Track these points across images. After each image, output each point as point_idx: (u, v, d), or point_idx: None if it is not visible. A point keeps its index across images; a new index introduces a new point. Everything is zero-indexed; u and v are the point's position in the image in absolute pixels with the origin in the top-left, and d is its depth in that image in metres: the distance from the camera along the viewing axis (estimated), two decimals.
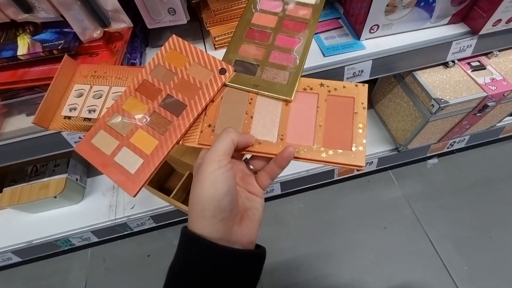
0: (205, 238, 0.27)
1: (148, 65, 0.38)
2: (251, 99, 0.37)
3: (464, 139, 0.87)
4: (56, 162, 0.75)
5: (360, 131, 0.34)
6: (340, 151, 0.33)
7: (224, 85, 0.38)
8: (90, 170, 0.87)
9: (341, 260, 0.84)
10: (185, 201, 0.72)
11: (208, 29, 0.61)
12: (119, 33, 0.53)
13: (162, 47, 0.39)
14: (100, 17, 0.47)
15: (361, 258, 0.84)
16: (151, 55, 0.64)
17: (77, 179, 0.78)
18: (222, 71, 0.37)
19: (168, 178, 0.80)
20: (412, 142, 0.77)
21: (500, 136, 0.92)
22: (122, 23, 0.49)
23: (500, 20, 0.56)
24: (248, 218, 0.31)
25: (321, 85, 0.38)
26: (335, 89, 0.37)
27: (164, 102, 0.36)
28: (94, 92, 0.41)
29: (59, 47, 0.47)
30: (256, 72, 0.39)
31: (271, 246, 0.85)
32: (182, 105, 0.35)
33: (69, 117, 0.39)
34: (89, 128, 0.36)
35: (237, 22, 0.44)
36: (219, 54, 0.62)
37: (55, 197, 0.71)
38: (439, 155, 0.98)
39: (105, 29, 0.49)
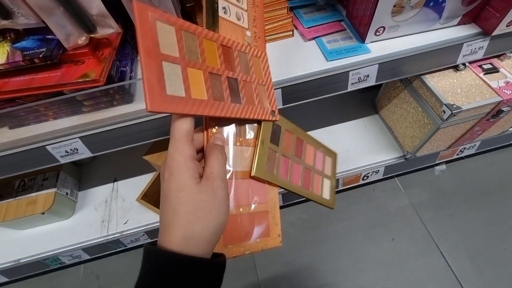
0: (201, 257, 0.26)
1: (236, 40, 0.37)
2: None
3: (475, 145, 0.83)
4: (44, 175, 0.71)
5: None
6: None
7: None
8: (81, 183, 0.82)
9: (347, 275, 0.80)
10: None
11: None
12: (107, 39, 0.50)
13: (250, 44, 0.39)
14: (84, 22, 0.43)
15: (369, 272, 0.80)
16: None
17: (67, 193, 0.74)
18: (273, 114, 0.39)
19: None
20: (420, 149, 0.73)
21: None
22: (109, 29, 0.46)
23: None
24: None
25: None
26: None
27: (231, 81, 0.35)
28: None
29: (41, 56, 0.43)
30: (273, 143, 0.40)
31: (273, 260, 0.81)
32: (239, 99, 0.35)
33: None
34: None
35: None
36: None
37: (43, 213, 0.67)
38: (447, 162, 0.94)
39: (91, 35, 0.46)
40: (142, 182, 0.75)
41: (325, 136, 0.87)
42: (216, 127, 0.34)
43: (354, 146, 0.83)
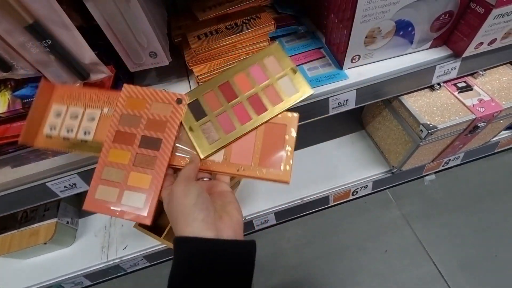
0: (202, 238, 0.31)
1: (113, 117, 0.43)
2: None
3: (459, 156, 0.86)
4: (46, 206, 0.74)
5: (289, 153, 0.40)
6: (271, 169, 0.40)
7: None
8: (81, 211, 0.85)
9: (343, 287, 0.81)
10: None
11: (190, 68, 0.61)
12: (101, 81, 0.53)
13: (120, 98, 0.44)
14: (78, 71, 0.47)
15: (363, 284, 0.82)
16: None
17: (68, 222, 0.77)
18: (179, 101, 0.43)
19: (160, 215, 0.78)
20: (405, 164, 0.76)
21: (496, 151, 0.91)
22: (101, 74, 0.49)
23: (482, 43, 0.56)
24: (227, 213, 0.36)
25: None
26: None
27: (142, 143, 0.41)
28: (70, 113, 0.45)
29: None
30: (200, 119, 0.43)
31: (270, 275, 0.83)
32: (158, 140, 0.41)
33: (50, 136, 0.43)
34: (69, 147, 0.43)
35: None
36: None
37: (45, 243, 0.69)
38: (436, 172, 0.96)
39: (85, 82, 0.49)
40: None
41: (314, 153, 0.89)
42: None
43: (343, 162, 0.86)
